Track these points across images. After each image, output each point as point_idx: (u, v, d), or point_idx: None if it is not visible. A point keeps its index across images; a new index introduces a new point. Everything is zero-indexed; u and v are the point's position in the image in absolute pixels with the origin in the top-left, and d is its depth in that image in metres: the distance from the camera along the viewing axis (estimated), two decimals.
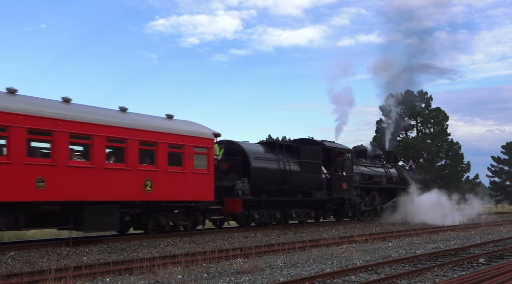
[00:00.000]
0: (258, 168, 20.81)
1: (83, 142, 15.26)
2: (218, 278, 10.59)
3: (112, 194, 15.47)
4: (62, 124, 14.24)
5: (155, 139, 16.76)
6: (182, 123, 18.40)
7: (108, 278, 10.83)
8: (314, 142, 24.83)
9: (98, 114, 15.64)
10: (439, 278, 10.24)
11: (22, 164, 13.30)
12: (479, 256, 13.40)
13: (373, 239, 19.18)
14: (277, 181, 21.65)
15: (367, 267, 11.52)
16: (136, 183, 16.07)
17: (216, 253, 14.06)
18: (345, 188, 25.27)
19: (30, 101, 14.08)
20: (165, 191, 16.99)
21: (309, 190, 23.35)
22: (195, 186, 17.89)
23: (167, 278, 10.44)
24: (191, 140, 17.86)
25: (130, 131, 16.01)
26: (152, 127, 16.85)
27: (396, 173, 30.83)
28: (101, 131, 15.21)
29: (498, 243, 17.43)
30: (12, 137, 13.17)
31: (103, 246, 15.23)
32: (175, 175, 17.30)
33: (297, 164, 22.57)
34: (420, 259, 13.16)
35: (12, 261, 12.71)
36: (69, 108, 14.93)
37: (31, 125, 13.60)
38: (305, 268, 11.87)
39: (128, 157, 15.91)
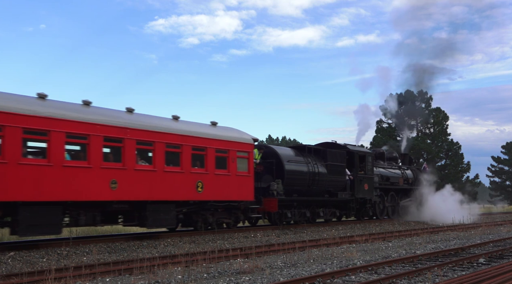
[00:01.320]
0: (290, 170, 22.47)
1: (147, 148, 16.99)
2: (218, 278, 10.59)
3: (170, 194, 17.27)
4: (130, 132, 16.19)
5: (205, 145, 18.60)
6: (225, 130, 20.21)
7: (108, 278, 10.83)
8: (338, 145, 26.65)
9: (158, 122, 17.46)
10: (439, 278, 10.24)
11: (100, 168, 15.17)
12: (479, 256, 13.40)
13: (373, 239, 19.18)
14: (306, 182, 23.28)
15: (367, 267, 11.51)
16: (189, 185, 17.90)
17: (216, 253, 14.06)
18: (367, 189, 26.83)
19: (104, 112, 16.00)
20: (213, 192, 18.74)
21: (335, 190, 24.95)
22: (238, 187, 19.69)
23: (167, 278, 10.44)
24: (234, 145, 19.71)
25: (184, 137, 17.88)
26: (202, 134, 18.71)
27: (412, 175, 32.32)
28: (161, 138, 17.06)
29: (498, 243, 17.43)
30: (92, 145, 15.09)
31: (103, 246, 15.23)
32: (221, 177, 19.13)
33: (324, 167, 24.23)
34: (420, 259, 13.15)
35: (12, 261, 12.71)
36: (135, 118, 16.78)
37: (106, 133, 15.47)
38: (305, 268, 11.86)
39: (182, 161, 17.77)
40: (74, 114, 14.89)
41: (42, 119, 14.04)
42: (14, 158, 13.37)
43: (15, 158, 13.38)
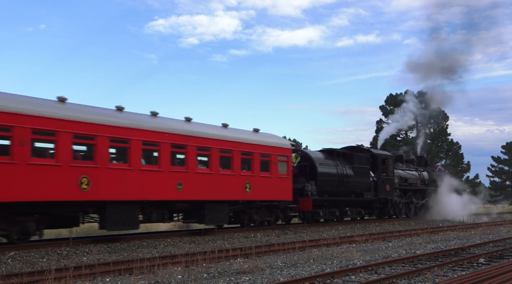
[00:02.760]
0: (322, 172, 24.35)
1: (205, 153, 18.83)
2: (218, 278, 10.58)
3: (223, 194, 19.23)
4: (192, 139, 18.03)
5: (251, 150, 20.58)
6: (267, 136, 22.28)
7: (108, 278, 10.83)
8: (363, 149, 28.55)
9: (214, 131, 19.47)
10: (439, 278, 10.23)
11: (168, 171, 17.16)
12: (479, 256, 13.39)
13: (373, 239, 19.17)
14: (336, 184, 25.11)
15: (367, 267, 11.51)
16: (239, 186, 19.87)
17: (216, 253, 14.05)
18: (388, 190, 28.50)
19: (169, 122, 18.07)
20: (259, 192, 20.69)
21: (360, 191, 26.78)
22: (279, 188, 21.64)
23: (167, 278, 10.44)
24: (275, 150, 21.71)
25: (234, 143, 19.84)
26: (249, 140, 20.73)
27: (428, 176, 33.85)
28: (216, 144, 19.04)
29: (498, 243, 17.43)
30: (162, 151, 17.14)
31: (103, 246, 15.22)
32: (265, 179, 21.05)
33: (351, 169, 26.05)
34: (420, 259, 13.15)
35: (12, 261, 12.70)
36: (195, 127, 18.81)
37: (173, 141, 17.48)
38: (305, 268, 11.86)
39: (233, 165, 19.75)
40: (148, 124, 16.98)
41: (123, 129, 16.04)
42: (103, 163, 15.37)
43: (104, 163, 15.39)
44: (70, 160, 14.65)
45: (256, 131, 21.82)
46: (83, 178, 14.85)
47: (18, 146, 13.51)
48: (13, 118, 13.46)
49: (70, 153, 14.72)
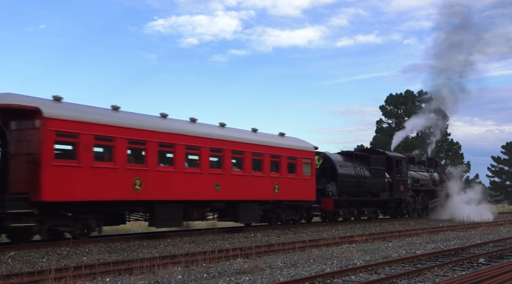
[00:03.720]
0: (342, 174, 25.80)
1: (239, 157, 20.27)
2: (218, 278, 10.58)
3: (255, 194, 20.67)
4: (227, 144, 19.64)
5: (279, 153, 22.01)
6: (292, 140, 23.70)
7: (108, 278, 10.83)
8: (378, 151, 30.39)
9: (246, 135, 21.03)
10: (439, 278, 10.23)
11: (208, 173, 18.67)
12: (479, 256, 13.39)
13: (373, 239, 19.17)
14: (354, 184, 26.52)
15: (367, 267, 11.51)
16: (269, 187, 21.33)
17: (216, 253, 14.05)
18: (402, 190, 29.87)
19: (208, 128, 19.50)
20: (286, 193, 22.11)
21: (376, 191, 28.28)
22: (303, 188, 23.06)
23: (167, 278, 10.43)
24: (300, 153, 23.10)
25: (264, 147, 21.34)
26: (277, 144, 22.15)
27: (438, 177, 35.31)
28: (249, 148, 20.50)
29: (498, 243, 17.43)
30: (202, 154, 18.69)
31: (103, 246, 15.22)
32: (292, 180, 22.44)
33: (368, 170, 27.49)
34: (420, 259, 13.15)
35: (12, 261, 12.70)
36: (230, 131, 20.35)
37: (212, 145, 19.04)
38: (305, 268, 11.86)
39: (264, 167, 21.24)
40: (190, 130, 18.48)
41: (170, 135, 17.53)
42: (153, 166, 16.83)
43: (153, 166, 16.84)
44: (125, 163, 16.11)
45: (282, 135, 23.32)
46: (136, 180, 16.30)
47: (83, 151, 14.98)
48: (79, 126, 14.97)
49: (125, 157, 16.23)
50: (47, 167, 14.11)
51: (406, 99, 58.24)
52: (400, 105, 58.62)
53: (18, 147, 14.32)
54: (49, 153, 14.28)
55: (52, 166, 14.26)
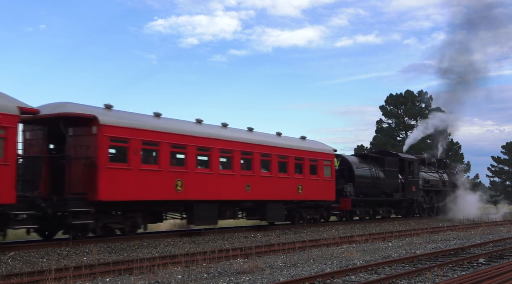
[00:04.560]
0: (359, 175, 27.11)
1: (266, 159, 21.59)
2: (218, 278, 10.58)
3: (281, 195, 22.00)
4: (256, 147, 20.95)
5: (302, 155, 23.34)
6: (313, 143, 25.13)
7: (108, 278, 10.82)
8: (391, 153, 31.77)
9: (273, 139, 22.41)
10: (439, 278, 10.23)
11: (240, 175, 20.03)
12: (479, 256, 13.39)
13: (373, 239, 19.18)
14: (369, 185, 27.82)
15: (367, 267, 11.51)
16: (293, 187, 22.65)
17: (216, 253, 14.05)
18: (414, 191, 31.22)
19: (240, 133, 20.84)
20: (309, 193, 23.38)
21: (390, 192, 29.70)
22: (324, 189, 24.37)
23: (167, 278, 10.43)
24: (321, 155, 24.47)
25: (289, 150, 22.69)
26: (300, 147, 23.48)
27: (447, 178, 36.74)
28: (275, 151, 21.86)
29: (498, 243, 17.43)
30: (235, 157, 20.00)
31: (103, 246, 15.22)
32: (314, 181, 23.75)
33: (382, 172, 28.92)
34: (420, 259, 13.15)
35: (12, 261, 12.70)
36: (258, 135, 21.78)
37: (242, 148, 20.35)
38: (305, 268, 11.86)
39: (288, 169, 22.52)
40: (224, 134, 19.80)
41: (206, 139, 18.83)
42: (192, 169, 18.14)
43: (192, 169, 18.15)
44: (169, 166, 17.38)
45: (303, 138, 24.65)
46: (178, 181, 17.59)
47: (133, 155, 16.37)
48: (129, 132, 16.31)
49: (168, 160, 17.44)
50: (102, 169, 15.45)
51: (406, 99, 58.19)
52: (400, 105, 58.57)
53: (76, 151, 15.62)
54: (104, 157, 15.62)
55: (107, 168, 15.59)
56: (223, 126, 20.38)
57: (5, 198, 13.15)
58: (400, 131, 59.37)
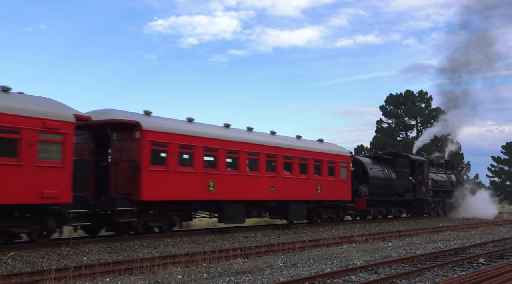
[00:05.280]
0: (373, 176, 28.38)
1: (289, 161, 22.71)
2: (218, 278, 10.58)
3: (302, 195, 23.20)
4: (279, 150, 22.19)
5: (321, 158, 24.62)
6: (330, 145, 26.50)
7: (108, 278, 10.82)
8: (403, 155, 32.82)
9: (294, 142, 23.62)
10: (439, 278, 10.23)
11: (265, 177, 21.25)
12: (479, 256, 13.39)
13: (373, 239, 19.17)
14: (382, 186, 28.99)
15: (367, 267, 11.51)
16: (313, 188, 23.85)
17: (216, 253, 14.05)
18: (424, 191, 32.39)
19: (264, 137, 22.04)
20: (327, 193, 24.60)
21: (402, 192, 30.75)
22: (341, 189, 25.52)
23: (167, 278, 10.43)
24: (338, 157, 25.68)
25: (309, 153, 23.90)
26: (319, 149, 24.69)
27: (455, 178, 37.95)
28: (296, 153, 23.13)
29: (498, 243, 17.43)
30: (260, 160, 21.24)
31: (103, 246, 15.22)
32: (332, 182, 24.95)
33: (394, 173, 30.15)
34: (420, 259, 13.15)
35: (12, 261, 12.69)
36: (281, 139, 22.96)
37: (268, 151, 21.57)
38: (305, 268, 11.86)
39: (309, 170, 23.74)
40: (250, 138, 21.06)
41: (235, 143, 20.03)
42: (223, 170, 19.38)
43: (223, 170, 19.38)
44: (202, 168, 18.62)
45: (321, 141, 25.91)
46: (210, 182, 18.81)
47: (171, 158, 17.55)
48: (168, 136, 17.50)
49: (202, 163, 18.69)
50: (145, 171, 16.70)
51: (406, 99, 58.21)
52: (400, 105, 58.59)
53: (120, 155, 16.79)
54: (146, 160, 16.82)
55: (149, 171, 16.81)
56: (248, 130, 21.59)
57: (63, 198, 14.41)
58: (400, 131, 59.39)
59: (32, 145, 13.78)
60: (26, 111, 13.73)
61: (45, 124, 14.03)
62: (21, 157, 13.56)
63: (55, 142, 14.34)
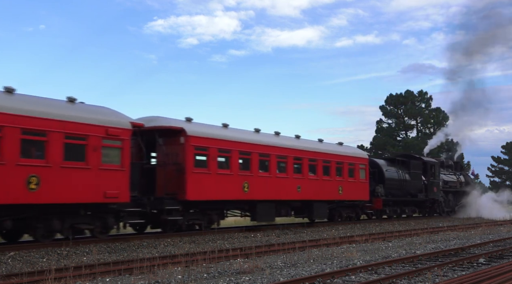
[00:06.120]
0: (389, 177, 29.64)
1: (313, 164, 24.17)
2: (218, 278, 10.58)
3: (324, 195, 24.54)
4: (305, 153, 23.59)
5: (342, 160, 25.97)
6: (350, 148, 28.45)
7: (108, 278, 10.82)
8: (415, 157, 33.90)
9: (317, 145, 24.96)
10: (439, 278, 10.23)
11: (292, 178, 22.62)
12: (479, 256, 13.39)
13: (373, 239, 19.17)
14: (397, 186, 30.34)
15: (367, 267, 11.51)
16: (335, 189, 25.21)
17: (216, 253, 14.04)
18: (435, 191, 33.74)
19: (292, 141, 23.47)
20: (347, 193, 26.03)
21: (415, 192, 32.17)
22: (360, 190, 26.95)
23: (167, 278, 10.43)
24: (357, 159, 27.21)
25: (331, 155, 25.33)
26: (340, 152, 26.17)
27: (464, 179, 39.22)
28: (320, 156, 24.55)
29: (498, 243, 17.43)
30: (288, 162, 22.63)
31: (103, 246, 15.22)
32: (351, 183, 26.33)
33: (408, 174, 31.39)
34: (420, 259, 13.14)
35: (12, 261, 12.69)
36: (307, 142, 24.40)
37: (295, 154, 23.00)
38: (305, 268, 11.86)
39: (331, 172, 25.13)
40: (279, 142, 22.45)
41: (266, 147, 21.45)
42: (256, 172, 20.90)
43: (256, 172, 20.90)
44: (238, 170, 20.02)
45: (341, 144, 27.33)
46: (245, 183, 20.22)
47: (211, 161, 19.09)
48: (208, 141, 19.00)
49: (238, 165, 20.15)
50: (190, 174, 18.15)
51: (406, 99, 58.22)
52: (400, 105, 58.59)
53: (166, 158, 18.37)
54: (190, 163, 18.28)
55: (193, 173, 18.25)
56: (276, 135, 22.94)
57: (122, 197, 16.04)
58: (400, 131, 59.39)
59: (97, 150, 15.43)
60: (92, 120, 15.42)
61: (107, 131, 15.71)
62: (88, 161, 15.21)
63: (115, 147, 16.05)
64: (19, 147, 13.73)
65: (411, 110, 57.84)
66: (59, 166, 14.46)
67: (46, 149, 14.32)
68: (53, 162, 14.34)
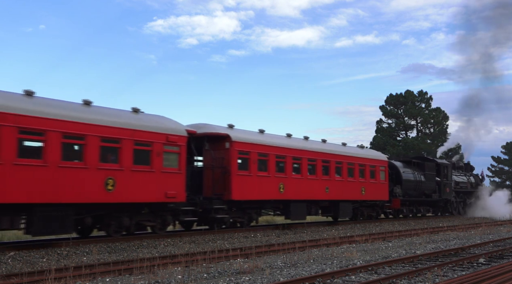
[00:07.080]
0: (406, 179, 31.20)
1: (339, 166, 25.69)
2: (218, 278, 10.58)
3: (349, 195, 26.13)
4: (331, 156, 25.13)
5: (364, 162, 27.54)
6: (370, 151, 30.70)
7: (108, 278, 10.82)
8: (429, 159, 35.33)
9: (342, 149, 26.68)
10: (439, 278, 10.23)
11: (321, 179, 24.26)
12: (479, 256, 13.39)
13: (373, 239, 19.18)
14: (413, 187, 31.83)
15: (367, 267, 11.51)
16: (358, 189, 26.81)
17: (216, 253, 14.05)
18: (448, 192, 35.25)
19: (320, 144, 25.17)
20: (369, 194, 27.65)
21: (429, 193, 33.71)
22: (380, 190, 28.62)
23: (167, 278, 10.43)
24: (378, 162, 28.87)
25: (355, 158, 27.02)
26: (363, 155, 27.80)
27: (474, 180, 40.51)
28: (345, 159, 26.11)
29: (498, 243, 17.43)
30: (318, 165, 24.18)
31: (103, 246, 15.22)
32: (373, 184, 28.03)
33: (423, 175, 32.90)
34: (420, 259, 13.15)
35: (12, 261, 12.69)
36: (331, 146, 25.81)
37: (323, 157, 24.56)
38: (305, 268, 11.86)
39: (355, 174, 26.80)
40: (309, 146, 23.94)
41: (298, 151, 23.08)
42: (290, 174, 22.45)
43: (290, 174, 22.47)
44: (274, 173, 21.73)
45: (362, 147, 29.93)
46: (280, 184, 21.91)
47: (252, 164, 20.75)
48: (249, 146, 20.78)
49: (274, 168, 21.80)
50: (234, 176, 19.92)
51: (406, 99, 58.21)
52: (400, 105, 58.59)
53: (213, 162, 20.01)
54: (235, 166, 20.05)
55: (237, 175, 20.04)
56: (305, 139, 24.49)
57: (180, 197, 17.83)
58: (400, 131, 59.38)
59: (159, 155, 17.24)
60: (155, 128, 17.26)
61: (168, 138, 17.51)
62: (152, 165, 17.01)
63: (174, 152, 17.80)
64: (98, 153, 15.50)
65: (411, 110, 57.83)
66: (130, 170, 16.31)
67: (119, 154, 16.14)
68: (125, 166, 16.17)
